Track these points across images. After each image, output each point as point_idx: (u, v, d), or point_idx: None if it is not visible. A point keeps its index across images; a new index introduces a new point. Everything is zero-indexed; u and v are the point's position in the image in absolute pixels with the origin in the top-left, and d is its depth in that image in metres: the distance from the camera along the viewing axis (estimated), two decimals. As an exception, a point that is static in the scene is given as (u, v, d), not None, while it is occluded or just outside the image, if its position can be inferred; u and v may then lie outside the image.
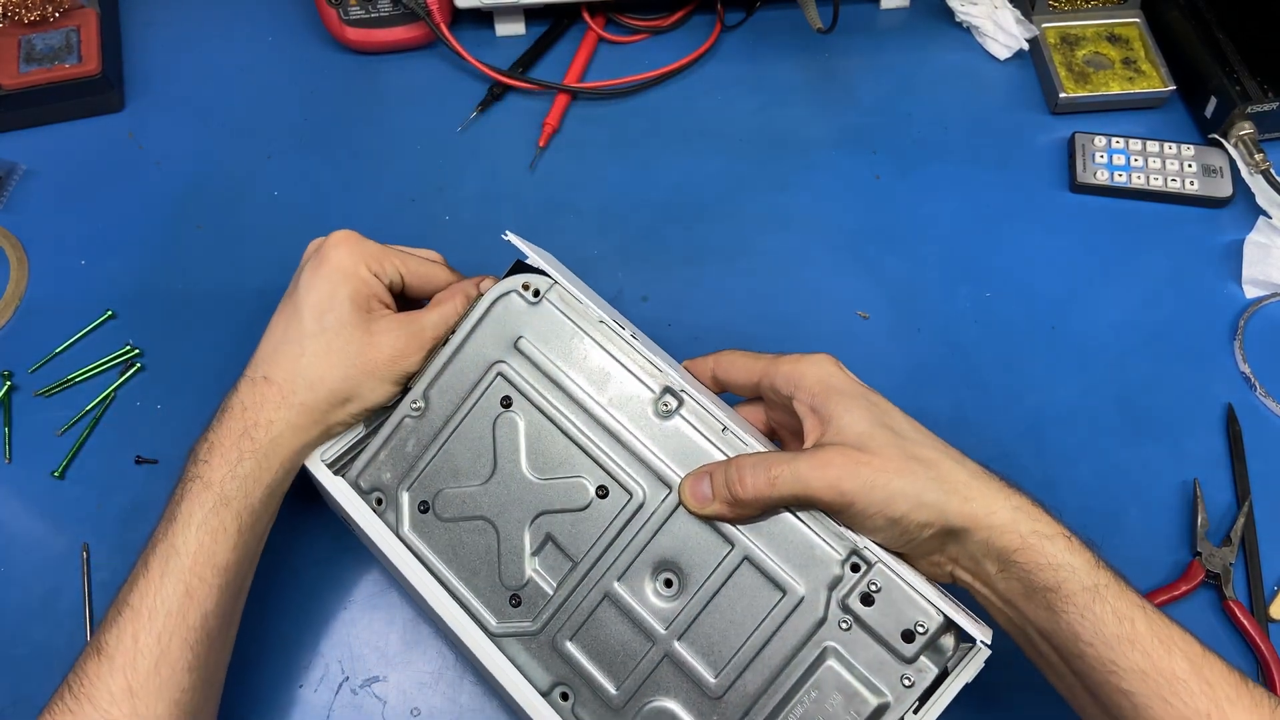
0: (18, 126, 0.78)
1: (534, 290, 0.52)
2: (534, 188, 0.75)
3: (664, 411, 0.49)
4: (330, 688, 0.56)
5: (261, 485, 0.50)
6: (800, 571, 0.46)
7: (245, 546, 0.49)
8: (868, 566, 0.45)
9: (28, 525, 0.61)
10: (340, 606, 0.58)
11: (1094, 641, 0.43)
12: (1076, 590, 0.43)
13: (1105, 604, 0.43)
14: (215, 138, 0.78)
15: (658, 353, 0.52)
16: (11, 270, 0.71)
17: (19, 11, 0.77)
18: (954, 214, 0.73)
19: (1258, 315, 0.68)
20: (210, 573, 0.47)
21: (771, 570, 0.47)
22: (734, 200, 0.75)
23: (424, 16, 0.79)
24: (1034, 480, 0.60)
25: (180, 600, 0.46)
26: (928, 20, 0.84)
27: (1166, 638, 0.43)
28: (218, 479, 0.49)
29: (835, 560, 0.46)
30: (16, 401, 0.66)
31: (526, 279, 0.52)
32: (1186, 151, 0.74)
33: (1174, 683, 0.42)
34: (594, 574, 0.49)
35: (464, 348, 0.52)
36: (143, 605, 0.46)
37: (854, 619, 0.46)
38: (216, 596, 0.48)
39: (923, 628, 0.45)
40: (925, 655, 0.45)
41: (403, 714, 0.55)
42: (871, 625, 0.45)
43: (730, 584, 0.47)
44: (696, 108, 0.79)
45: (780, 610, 0.47)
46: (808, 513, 0.47)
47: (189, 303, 0.69)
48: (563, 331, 0.51)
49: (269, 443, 0.50)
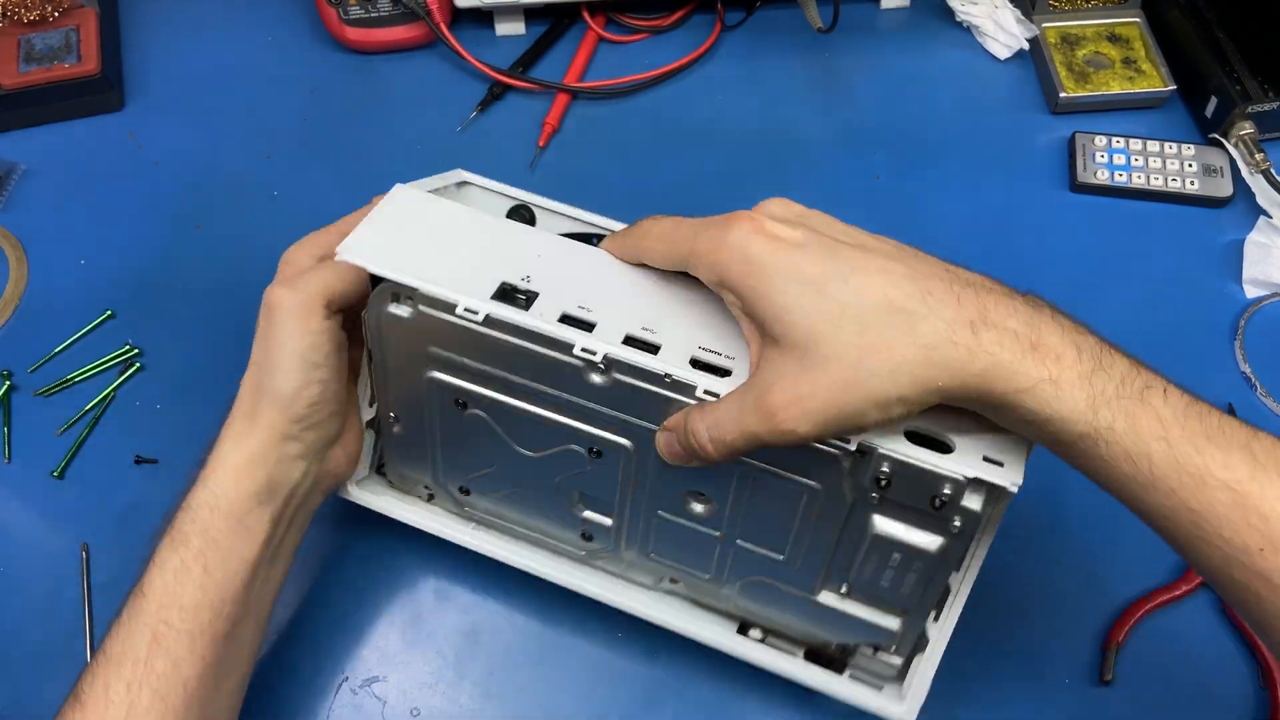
0: (17, 126, 0.78)
1: (405, 297, 0.47)
2: (534, 188, 0.75)
3: (601, 381, 0.46)
4: (330, 688, 0.56)
5: (218, 513, 0.46)
6: (811, 473, 0.45)
7: (217, 586, 0.45)
8: (870, 455, 0.43)
9: (27, 525, 0.61)
10: (340, 606, 0.58)
11: (1110, 487, 0.38)
12: (1073, 440, 0.37)
13: (1109, 447, 0.37)
14: (215, 138, 0.78)
15: (571, 273, 0.47)
16: (11, 270, 0.71)
17: (18, 11, 0.77)
18: (954, 214, 0.73)
19: (1258, 315, 0.68)
20: (177, 616, 0.44)
21: (784, 476, 0.46)
22: (734, 200, 0.74)
23: (424, 16, 0.79)
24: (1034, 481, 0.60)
25: (146, 646, 0.44)
26: (928, 20, 0.84)
27: (1197, 468, 0.36)
28: (175, 514, 0.47)
29: (837, 455, 0.43)
30: (16, 401, 0.66)
31: (393, 289, 0.47)
32: (1187, 151, 0.74)
33: (1211, 521, 0.36)
34: (636, 507, 0.50)
35: (386, 363, 0.50)
36: (113, 651, 0.44)
37: (881, 497, 0.45)
38: (188, 642, 0.44)
39: (947, 492, 0.43)
40: (962, 507, 0.43)
41: (403, 714, 0.55)
42: (899, 500, 0.44)
43: (755, 493, 0.47)
44: (696, 108, 0.79)
45: (810, 502, 0.46)
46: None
47: (189, 302, 0.69)
48: (460, 333, 0.46)
49: (213, 462, 0.47)
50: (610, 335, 0.44)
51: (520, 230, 0.49)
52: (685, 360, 0.44)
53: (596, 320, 0.45)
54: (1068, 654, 0.56)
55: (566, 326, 0.44)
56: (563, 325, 0.44)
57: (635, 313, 0.45)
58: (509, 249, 0.47)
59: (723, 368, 0.44)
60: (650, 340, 0.44)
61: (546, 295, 0.45)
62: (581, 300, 0.45)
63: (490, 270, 0.46)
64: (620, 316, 0.45)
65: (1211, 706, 0.54)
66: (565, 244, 0.48)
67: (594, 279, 0.46)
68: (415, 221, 0.48)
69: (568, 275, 0.46)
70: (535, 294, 0.46)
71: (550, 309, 0.45)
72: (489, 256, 0.47)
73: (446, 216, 0.49)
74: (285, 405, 0.47)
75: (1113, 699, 0.55)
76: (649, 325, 0.45)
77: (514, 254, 0.47)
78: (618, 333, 0.44)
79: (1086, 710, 0.55)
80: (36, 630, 0.57)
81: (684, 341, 0.44)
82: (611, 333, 0.44)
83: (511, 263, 0.46)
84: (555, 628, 0.57)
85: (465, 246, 0.47)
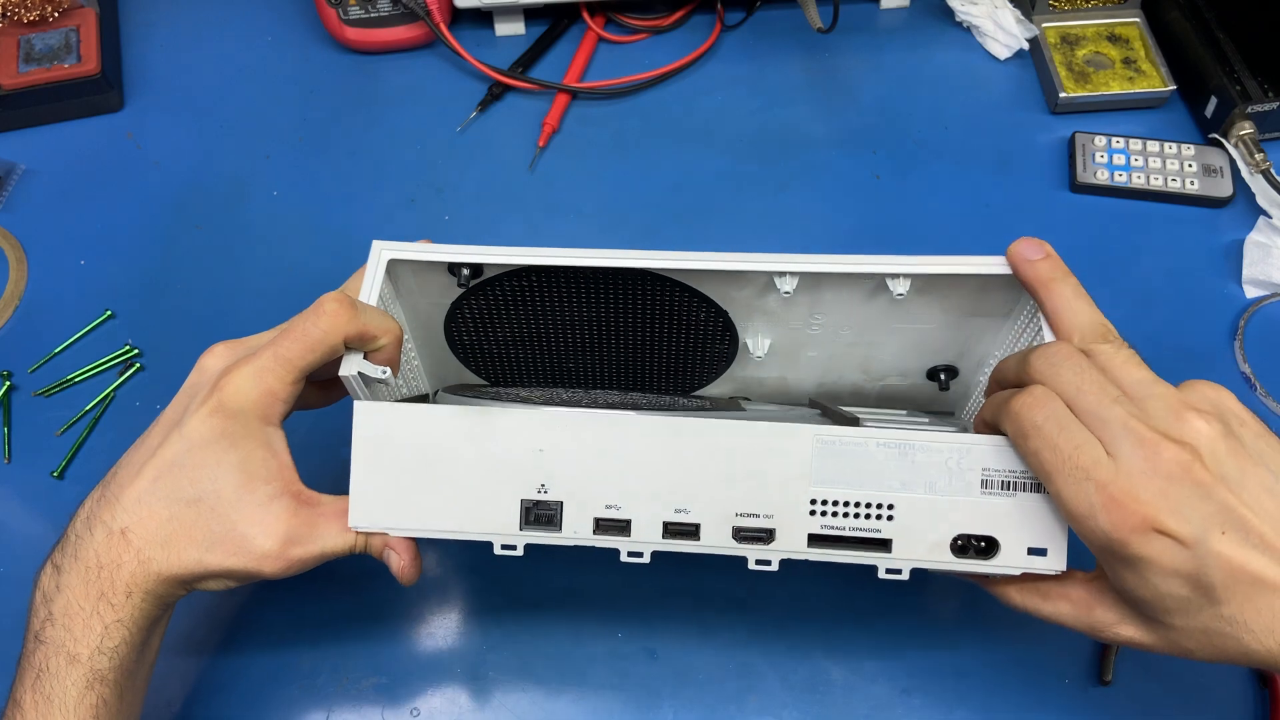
0: (17, 126, 0.78)
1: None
2: (534, 188, 0.75)
3: (646, 560, 0.45)
4: (330, 688, 0.56)
5: (134, 648, 0.44)
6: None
7: (127, 708, 0.45)
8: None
9: (27, 525, 0.61)
10: (340, 606, 0.58)
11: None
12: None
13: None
14: (214, 138, 0.78)
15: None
16: (11, 270, 0.71)
17: (18, 11, 0.77)
18: (954, 214, 0.73)
19: (1258, 315, 0.68)
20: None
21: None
22: (734, 200, 0.75)
23: (424, 16, 0.79)
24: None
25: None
26: (928, 20, 0.84)
27: None
28: (85, 653, 0.42)
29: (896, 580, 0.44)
30: (16, 401, 0.66)
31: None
32: (1187, 151, 0.74)
33: None
34: None
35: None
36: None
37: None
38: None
39: (997, 578, 0.44)
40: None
41: (403, 714, 0.55)
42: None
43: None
44: (696, 108, 0.79)
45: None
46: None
47: (188, 303, 0.69)
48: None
49: (132, 610, 0.43)
50: (648, 531, 0.44)
51: (511, 422, 0.45)
52: (728, 535, 0.44)
53: (629, 516, 0.44)
54: (1068, 654, 0.56)
55: (604, 536, 0.44)
56: (600, 536, 0.44)
57: (662, 490, 0.44)
58: (510, 453, 0.44)
59: (766, 530, 0.44)
60: (687, 522, 0.44)
61: (570, 502, 0.44)
62: (606, 497, 0.44)
63: (504, 487, 0.44)
64: (650, 501, 0.44)
65: (1211, 706, 0.54)
66: (559, 422, 0.45)
67: (606, 459, 0.44)
68: (401, 452, 0.45)
69: (579, 465, 0.44)
70: (559, 504, 0.44)
71: (581, 520, 0.44)
72: (494, 470, 0.44)
73: (429, 432, 0.45)
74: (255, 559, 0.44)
75: (1113, 699, 0.55)
76: (681, 504, 0.44)
77: (517, 459, 0.44)
78: (654, 526, 0.44)
79: (1086, 710, 0.55)
80: (36, 630, 0.57)
81: (721, 512, 0.44)
82: (649, 527, 0.44)
83: (520, 471, 0.44)
84: (556, 628, 0.57)
85: (465, 464, 0.45)
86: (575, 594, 0.58)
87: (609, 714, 0.55)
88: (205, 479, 0.43)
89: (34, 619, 0.44)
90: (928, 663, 0.56)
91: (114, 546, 0.43)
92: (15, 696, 0.43)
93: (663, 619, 0.58)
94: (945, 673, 0.56)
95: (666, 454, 0.44)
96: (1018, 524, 0.42)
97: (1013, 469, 0.43)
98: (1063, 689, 0.55)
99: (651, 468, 0.44)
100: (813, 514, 0.43)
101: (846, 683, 0.55)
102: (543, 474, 0.44)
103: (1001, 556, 0.43)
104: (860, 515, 0.43)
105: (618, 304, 0.52)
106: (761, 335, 0.55)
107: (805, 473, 0.43)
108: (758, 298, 0.52)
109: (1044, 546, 0.43)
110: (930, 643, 0.57)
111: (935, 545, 0.43)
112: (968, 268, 0.48)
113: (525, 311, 0.53)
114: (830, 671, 0.56)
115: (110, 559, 0.43)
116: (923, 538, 0.43)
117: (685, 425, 0.44)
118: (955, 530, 0.43)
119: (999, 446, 0.43)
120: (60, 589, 0.43)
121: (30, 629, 0.44)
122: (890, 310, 0.52)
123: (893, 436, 0.43)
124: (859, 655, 0.56)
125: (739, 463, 0.44)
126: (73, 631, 0.42)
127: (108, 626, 0.43)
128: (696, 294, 0.52)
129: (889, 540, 0.43)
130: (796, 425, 0.44)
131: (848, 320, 0.53)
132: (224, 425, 0.43)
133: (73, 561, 0.43)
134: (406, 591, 0.58)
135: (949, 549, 0.43)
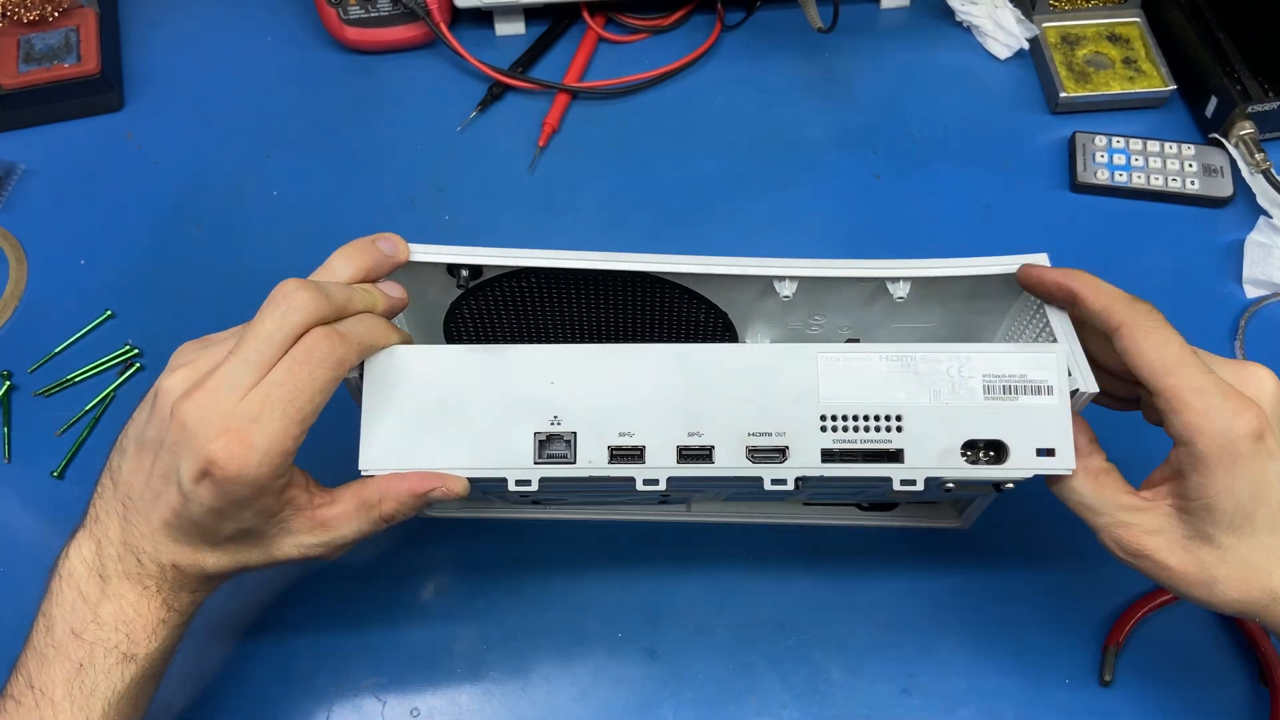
0: (17, 126, 0.78)
1: None
2: (534, 188, 0.75)
3: (663, 488, 0.45)
4: (330, 687, 0.56)
5: (181, 633, 0.46)
6: (879, 482, 0.46)
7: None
8: (938, 479, 0.45)
9: (27, 525, 0.61)
10: (340, 606, 0.58)
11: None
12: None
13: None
14: (214, 138, 0.78)
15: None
16: (11, 270, 0.71)
17: (18, 11, 0.77)
18: (954, 214, 0.73)
19: (1258, 315, 0.68)
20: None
21: (852, 487, 0.50)
22: (734, 200, 0.74)
23: (424, 16, 0.79)
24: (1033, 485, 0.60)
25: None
26: (928, 20, 0.84)
27: None
28: (143, 653, 0.44)
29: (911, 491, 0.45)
30: (16, 401, 0.66)
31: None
32: (1187, 151, 0.74)
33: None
34: (708, 495, 0.55)
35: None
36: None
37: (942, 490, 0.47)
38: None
39: (1010, 486, 0.45)
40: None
41: (403, 714, 0.55)
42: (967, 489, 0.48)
43: (821, 489, 0.49)
44: (696, 108, 0.79)
45: (883, 484, 0.47)
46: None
47: (188, 303, 0.69)
48: (514, 492, 0.45)
49: (188, 606, 0.45)
50: (664, 456, 0.44)
51: (518, 357, 0.45)
52: (743, 454, 0.44)
53: (644, 443, 0.44)
54: (1068, 654, 0.56)
55: (619, 465, 0.44)
56: (615, 465, 0.44)
57: (676, 414, 0.44)
58: (521, 388, 0.44)
59: (779, 448, 0.44)
60: (702, 445, 0.44)
61: (584, 433, 0.44)
62: (619, 425, 0.44)
63: (517, 421, 0.44)
64: (664, 427, 0.44)
65: (1211, 706, 0.54)
66: (568, 357, 0.45)
67: (617, 389, 0.44)
68: (410, 393, 0.45)
69: (590, 395, 0.44)
70: (573, 434, 0.44)
71: (595, 449, 0.44)
72: (506, 405, 0.44)
73: (438, 372, 0.45)
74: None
75: (1113, 699, 0.55)
76: (694, 427, 0.44)
77: (528, 393, 0.44)
78: (669, 450, 0.44)
79: (1086, 710, 0.55)
80: (36, 630, 0.57)
81: (734, 434, 0.44)
82: (664, 453, 0.44)
83: (532, 405, 0.44)
84: (555, 628, 0.57)
85: (476, 401, 0.44)
86: (575, 594, 0.58)
87: (609, 714, 0.55)
88: (228, 529, 0.43)
89: (65, 612, 0.43)
90: (928, 663, 0.56)
91: (163, 570, 0.43)
92: (38, 685, 0.42)
93: (663, 619, 0.58)
94: (945, 673, 0.56)
95: (676, 381, 0.44)
96: (1023, 427, 0.43)
97: (1012, 374, 0.44)
98: (1063, 689, 0.55)
99: (662, 395, 0.44)
100: (824, 429, 0.44)
101: (846, 683, 0.55)
102: (555, 407, 0.44)
103: (1011, 460, 0.44)
104: (870, 428, 0.44)
105: (617, 305, 0.53)
106: (761, 335, 0.55)
107: (813, 391, 0.44)
108: (758, 300, 0.52)
109: (1051, 447, 0.44)
110: (930, 643, 0.57)
111: (946, 452, 0.44)
112: (967, 269, 0.48)
113: (525, 312, 0.53)
114: (830, 671, 0.56)
115: (158, 574, 0.43)
116: (933, 446, 0.44)
117: (692, 352, 0.45)
118: (964, 436, 0.44)
119: (997, 353, 0.44)
120: (109, 596, 0.43)
121: (55, 620, 0.43)
122: (890, 311, 0.52)
123: (894, 350, 0.44)
124: (859, 655, 0.56)
125: (748, 385, 0.44)
126: (132, 636, 0.43)
127: (170, 628, 0.44)
128: (696, 296, 0.52)
129: (900, 450, 0.44)
130: (801, 346, 0.45)
131: (847, 320, 0.53)
132: (230, 493, 0.41)
133: (120, 577, 0.43)
134: (407, 592, 0.58)
135: (959, 455, 0.44)
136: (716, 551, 0.60)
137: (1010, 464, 0.44)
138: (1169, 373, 0.41)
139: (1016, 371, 0.44)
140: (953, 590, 0.58)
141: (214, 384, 0.40)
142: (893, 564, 0.59)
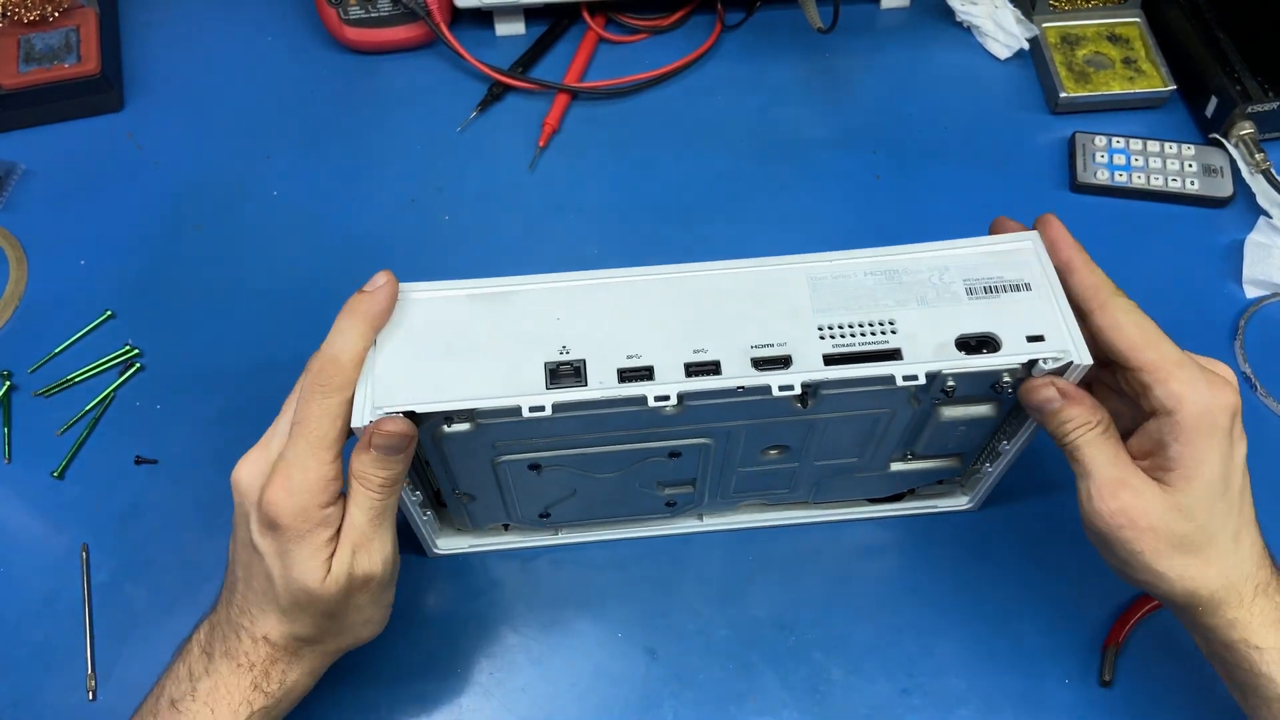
0: (17, 126, 0.78)
1: (459, 416, 0.46)
2: (534, 188, 0.75)
3: (674, 410, 0.46)
4: (330, 687, 0.56)
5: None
6: (882, 404, 0.48)
7: None
8: (935, 376, 0.46)
9: (27, 525, 0.61)
10: (340, 607, 0.58)
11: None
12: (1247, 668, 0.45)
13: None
14: (214, 138, 0.78)
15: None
16: (11, 270, 0.71)
17: (18, 11, 0.77)
18: (954, 214, 0.73)
19: (1258, 315, 0.68)
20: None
21: (859, 414, 0.49)
22: (734, 200, 0.75)
23: (424, 16, 0.79)
24: (1034, 481, 0.60)
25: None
26: (928, 20, 0.84)
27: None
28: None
29: (910, 388, 0.46)
30: (16, 401, 0.66)
31: (445, 414, 0.45)
32: (1187, 151, 0.74)
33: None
34: (716, 473, 0.54)
35: (452, 466, 0.50)
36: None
37: (946, 398, 0.47)
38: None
39: (1007, 379, 0.46)
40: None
41: (403, 714, 0.55)
42: (964, 395, 0.48)
43: (831, 429, 0.50)
44: (696, 108, 0.79)
45: (881, 420, 0.50)
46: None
47: (188, 302, 0.69)
48: (526, 426, 0.45)
49: (282, 690, 0.47)
50: (672, 373, 0.45)
51: (523, 297, 0.47)
52: (748, 365, 0.45)
53: (652, 363, 0.45)
54: (1068, 654, 0.56)
55: (629, 384, 0.44)
56: (625, 385, 0.44)
57: (679, 336, 0.46)
58: (528, 323, 0.46)
59: (782, 357, 0.45)
60: (708, 360, 0.45)
61: (593, 359, 0.45)
62: (627, 348, 0.45)
63: (526, 354, 0.45)
64: (669, 348, 0.45)
65: (1211, 706, 0.54)
66: (573, 291, 0.47)
67: (621, 317, 0.46)
68: (419, 336, 0.46)
69: (596, 325, 0.46)
70: (582, 361, 0.45)
71: (605, 372, 0.45)
72: (515, 340, 0.46)
73: (445, 317, 0.46)
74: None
75: (1113, 699, 0.55)
76: (699, 345, 0.45)
77: (536, 327, 0.46)
78: (677, 367, 0.45)
79: (1086, 710, 0.55)
80: (36, 630, 0.57)
81: (737, 348, 0.45)
82: (672, 370, 0.45)
83: (540, 338, 0.46)
84: (555, 627, 0.57)
85: (486, 339, 0.46)
86: (576, 594, 0.58)
87: (609, 714, 0.55)
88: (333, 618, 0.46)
89: (171, 685, 0.47)
90: (928, 662, 0.56)
91: (256, 644, 0.46)
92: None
93: (663, 619, 0.58)
94: (945, 673, 0.56)
95: (677, 304, 0.47)
96: (1010, 320, 0.46)
97: (990, 276, 0.47)
98: (1063, 689, 0.55)
99: (665, 318, 0.46)
100: (822, 338, 0.46)
101: (846, 683, 0.55)
102: (563, 339, 0.46)
103: (1005, 349, 0.45)
104: (866, 334, 0.46)
105: None
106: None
107: (807, 305, 0.46)
108: None
109: (1040, 333, 0.45)
110: (930, 643, 0.57)
111: (941, 347, 0.45)
112: (947, 249, 0.50)
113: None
114: (830, 671, 0.56)
115: (252, 649, 0.46)
116: (928, 342, 0.45)
117: (689, 277, 0.47)
118: (955, 332, 0.46)
119: (975, 257, 0.48)
120: (209, 673, 0.46)
121: (165, 690, 0.47)
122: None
123: (877, 264, 0.47)
124: (859, 655, 0.56)
125: (746, 303, 0.46)
126: (217, 712, 0.45)
127: (253, 709, 0.46)
128: None
129: (898, 349, 0.45)
130: (790, 267, 0.48)
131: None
132: (281, 547, 0.44)
133: (224, 657, 0.46)
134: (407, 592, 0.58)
135: (955, 348, 0.45)
136: (717, 552, 0.60)
137: (1004, 352, 0.45)
138: (1151, 346, 0.44)
139: (995, 273, 0.47)
140: (952, 591, 0.58)
141: (254, 450, 0.46)
142: (892, 564, 0.59)
